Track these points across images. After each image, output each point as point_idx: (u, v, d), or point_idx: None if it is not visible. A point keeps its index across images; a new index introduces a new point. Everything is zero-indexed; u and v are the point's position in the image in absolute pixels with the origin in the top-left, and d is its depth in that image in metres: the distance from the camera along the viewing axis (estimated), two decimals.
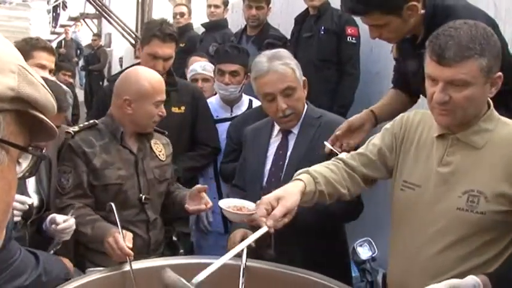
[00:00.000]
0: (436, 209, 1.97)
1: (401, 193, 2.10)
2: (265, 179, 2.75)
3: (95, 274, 2.20)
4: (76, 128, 2.68)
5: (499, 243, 1.90)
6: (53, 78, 3.28)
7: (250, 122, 3.18)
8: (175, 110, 3.54)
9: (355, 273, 3.66)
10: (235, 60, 3.78)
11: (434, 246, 1.96)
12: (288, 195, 1.97)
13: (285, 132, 2.79)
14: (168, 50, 3.42)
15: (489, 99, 1.98)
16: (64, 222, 2.37)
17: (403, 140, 2.14)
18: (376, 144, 2.20)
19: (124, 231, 2.34)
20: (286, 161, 2.73)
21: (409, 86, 2.73)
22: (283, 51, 2.78)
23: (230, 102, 3.88)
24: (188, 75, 4.36)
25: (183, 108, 3.57)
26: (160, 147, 2.86)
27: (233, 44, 4.33)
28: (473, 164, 1.93)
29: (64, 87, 6.23)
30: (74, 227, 2.41)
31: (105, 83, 10.87)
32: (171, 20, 6.37)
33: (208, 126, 3.74)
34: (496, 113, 1.99)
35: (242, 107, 3.90)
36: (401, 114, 2.23)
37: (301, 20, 4.83)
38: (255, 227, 2.19)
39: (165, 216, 2.95)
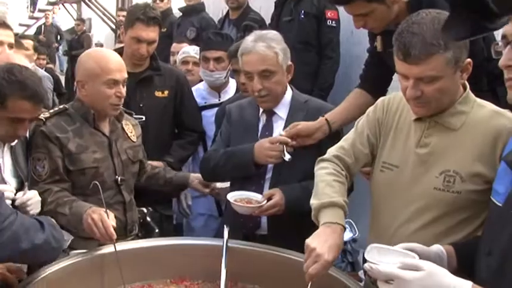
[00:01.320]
0: (414, 189, 2.02)
1: (381, 174, 2.15)
2: None
3: (78, 256, 2.22)
4: (47, 114, 2.65)
5: (474, 221, 1.96)
6: (26, 61, 3.15)
7: (241, 114, 3.25)
8: (158, 94, 3.55)
9: None
10: (219, 46, 3.82)
11: (412, 225, 2.02)
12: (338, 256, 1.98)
13: (269, 113, 2.83)
14: (152, 33, 3.43)
15: (466, 82, 2.02)
16: (23, 195, 2.36)
17: (384, 123, 2.19)
18: (364, 134, 2.23)
19: (108, 210, 2.35)
20: None
21: (382, 82, 2.79)
22: (273, 34, 2.80)
23: (217, 88, 3.90)
24: (179, 57, 4.37)
25: (166, 92, 3.56)
26: (131, 128, 2.88)
27: (216, 31, 4.35)
28: (449, 145, 1.98)
29: (41, 71, 6.12)
30: (38, 197, 2.40)
31: None
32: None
33: (194, 112, 3.77)
34: (472, 96, 2.04)
35: (230, 92, 3.93)
36: (381, 98, 2.27)
37: (281, 3, 4.83)
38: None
39: (143, 198, 2.98)
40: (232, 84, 3.97)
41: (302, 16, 4.55)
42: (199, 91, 3.95)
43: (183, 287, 2.34)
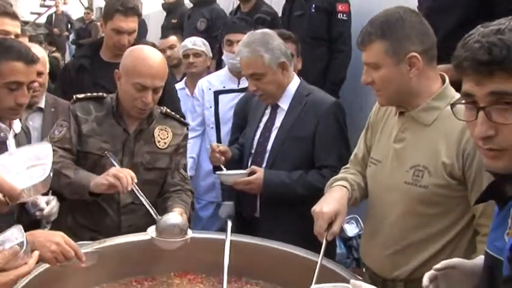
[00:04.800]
0: (390, 183, 2.12)
1: (369, 169, 2.28)
2: (254, 147, 2.97)
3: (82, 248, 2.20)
4: (81, 96, 2.68)
5: (444, 218, 2.03)
6: (41, 49, 3.19)
7: (254, 100, 3.34)
8: None
9: (341, 249, 3.71)
10: (243, 30, 3.82)
11: (389, 217, 2.13)
12: (343, 210, 2.09)
13: (274, 106, 2.96)
14: (132, 23, 3.43)
15: (446, 78, 2.08)
16: (48, 205, 2.40)
17: (375, 125, 2.31)
18: (362, 140, 2.39)
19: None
20: (272, 134, 2.92)
21: None
22: (261, 36, 2.86)
23: (238, 73, 3.89)
24: (180, 52, 4.45)
25: None
26: (167, 134, 2.73)
27: (240, 16, 4.37)
28: (421, 140, 2.06)
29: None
30: (57, 206, 2.40)
31: None
32: None
33: (174, 98, 3.73)
34: (451, 93, 2.07)
35: None
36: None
37: None
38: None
39: None
40: None
41: (313, 10, 4.50)
42: (219, 77, 4.00)
43: (186, 281, 2.34)
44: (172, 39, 4.76)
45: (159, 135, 2.70)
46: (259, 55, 2.79)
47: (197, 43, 4.37)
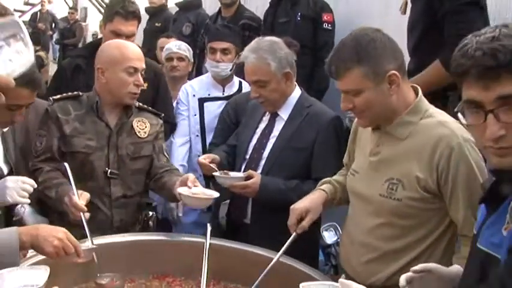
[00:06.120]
0: (367, 194, 2.17)
1: (348, 178, 2.32)
2: (249, 153, 2.96)
3: None
4: (57, 97, 2.73)
5: (417, 230, 2.07)
6: None
7: (250, 105, 3.32)
8: None
9: (320, 256, 3.73)
10: (226, 38, 3.84)
11: (365, 226, 2.17)
12: (315, 208, 2.32)
13: (273, 114, 2.96)
14: (131, 27, 3.44)
15: (419, 90, 2.13)
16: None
17: (357, 137, 2.35)
18: (347, 152, 2.44)
19: (80, 191, 2.42)
20: (269, 142, 2.92)
21: None
22: (271, 42, 2.86)
23: (222, 81, 3.90)
24: (163, 54, 4.41)
25: (145, 84, 3.55)
26: (145, 125, 2.83)
27: (225, 24, 4.36)
28: (396, 154, 2.10)
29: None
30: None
31: None
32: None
33: (167, 103, 3.77)
34: (424, 106, 2.12)
35: (233, 88, 3.93)
36: None
37: (276, 3, 4.80)
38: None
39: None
40: (235, 80, 3.96)
41: (299, 18, 4.55)
42: (202, 83, 3.97)
43: (165, 283, 2.36)
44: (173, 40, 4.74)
45: (137, 126, 2.81)
46: (266, 63, 2.79)
47: (182, 47, 4.37)
